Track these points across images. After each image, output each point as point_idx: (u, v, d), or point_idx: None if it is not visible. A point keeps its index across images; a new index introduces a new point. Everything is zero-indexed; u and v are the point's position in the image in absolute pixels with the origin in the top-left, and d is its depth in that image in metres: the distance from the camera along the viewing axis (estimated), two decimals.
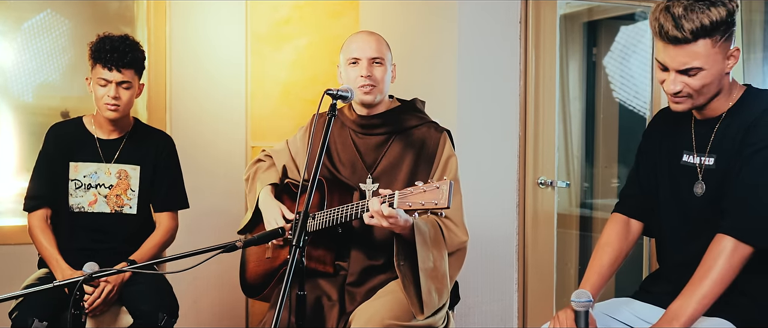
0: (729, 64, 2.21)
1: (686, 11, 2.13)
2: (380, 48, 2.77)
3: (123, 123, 3.17)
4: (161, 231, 3.21)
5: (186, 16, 4.28)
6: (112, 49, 3.00)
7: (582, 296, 2.18)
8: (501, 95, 3.75)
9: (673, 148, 2.38)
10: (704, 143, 2.31)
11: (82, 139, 3.16)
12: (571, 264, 4.51)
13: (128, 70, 3.03)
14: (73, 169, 3.14)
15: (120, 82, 3.02)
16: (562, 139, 4.62)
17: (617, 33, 4.73)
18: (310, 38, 4.54)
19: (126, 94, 3.05)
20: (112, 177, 3.15)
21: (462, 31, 3.66)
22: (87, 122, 3.20)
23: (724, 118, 2.28)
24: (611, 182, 4.72)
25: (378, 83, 2.74)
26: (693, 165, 2.33)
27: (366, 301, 2.67)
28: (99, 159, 3.15)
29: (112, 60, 3.00)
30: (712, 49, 2.15)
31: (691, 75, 2.19)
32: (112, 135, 3.18)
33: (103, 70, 3.01)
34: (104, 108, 3.04)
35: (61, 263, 3.01)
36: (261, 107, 4.46)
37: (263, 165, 3.02)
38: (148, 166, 3.19)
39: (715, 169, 2.27)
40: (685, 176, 2.34)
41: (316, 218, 2.66)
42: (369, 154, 2.81)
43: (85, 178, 3.13)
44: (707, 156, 2.30)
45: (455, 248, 2.73)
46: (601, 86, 4.78)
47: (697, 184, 2.31)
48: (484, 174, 3.71)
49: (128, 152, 3.17)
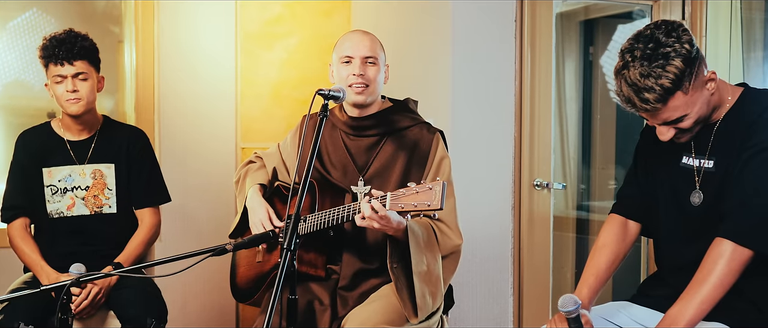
0: (709, 88, 2.20)
1: (644, 78, 2.10)
2: (374, 47, 2.78)
3: (91, 121, 3.18)
4: (144, 229, 3.21)
5: (174, 15, 4.28)
6: (59, 44, 3.03)
7: (568, 305, 2.18)
8: (496, 95, 3.76)
9: (673, 150, 2.38)
10: (704, 146, 2.31)
11: (52, 143, 3.16)
12: (568, 268, 4.53)
13: (80, 61, 3.04)
14: (46, 174, 3.14)
15: (75, 74, 3.03)
16: (558, 140, 4.64)
17: (614, 32, 4.75)
18: (301, 37, 4.55)
19: (84, 86, 3.05)
20: (87, 178, 3.16)
21: (456, 29, 3.67)
22: (55, 126, 3.20)
23: (722, 120, 2.28)
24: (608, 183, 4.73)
25: (371, 83, 2.75)
26: (692, 167, 2.33)
27: (358, 305, 2.68)
28: (71, 161, 3.15)
29: (61, 55, 3.02)
30: (686, 96, 2.14)
31: (679, 123, 2.20)
32: (82, 135, 3.18)
33: (55, 67, 3.03)
34: (67, 105, 3.05)
35: (46, 268, 3.02)
36: (251, 108, 4.47)
37: (253, 166, 3.02)
38: (122, 163, 3.19)
39: (714, 172, 2.28)
40: (684, 179, 2.35)
41: (308, 221, 2.66)
42: (360, 156, 2.82)
43: (60, 182, 3.14)
44: (707, 159, 2.30)
45: (449, 252, 2.74)
46: (598, 86, 4.80)
47: (694, 193, 2.31)
48: (479, 176, 3.72)
49: (100, 151, 3.18)
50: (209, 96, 4.36)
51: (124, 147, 3.21)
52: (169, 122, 4.27)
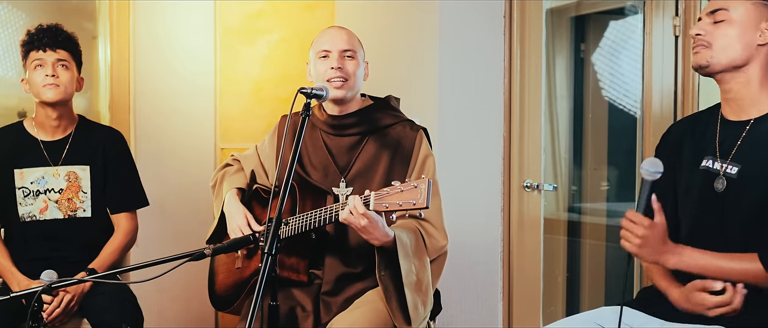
0: (759, 39, 2.23)
1: None
2: (352, 41, 2.79)
3: (67, 119, 3.17)
4: (120, 234, 3.21)
5: (151, 9, 4.28)
6: (45, 32, 3.06)
7: (654, 166, 2.17)
8: (484, 94, 3.78)
9: (696, 151, 2.38)
10: (729, 149, 2.31)
11: (25, 143, 3.14)
12: (559, 271, 4.54)
13: (63, 50, 3.07)
14: (18, 176, 3.12)
15: (56, 60, 3.04)
16: (549, 139, 4.65)
17: (606, 28, 4.76)
18: (283, 33, 4.55)
19: (65, 74, 3.06)
20: (61, 180, 3.14)
21: (443, 26, 3.68)
22: (28, 125, 3.18)
23: (753, 124, 2.28)
24: (600, 184, 4.75)
25: (349, 77, 2.75)
26: (716, 172, 2.32)
27: (343, 311, 2.68)
28: (45, 163, 3.14)
29: (45, 41, 3.04)
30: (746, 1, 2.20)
31: (717, 22, 2.23)
32: (57, 135, 3.16)
33: (37, 53, 3.05)
34: (44, 91, 3.04)
35: (17, 274, 3.01)
36: (231, 106, 4.47)
37: (231, 169, 3.01)
38: (98, 165, 3.18)
39: (736, 179, 2.27)
40: (705, 180, 2.34)
41: (289, 224, 2.67)
42: (342, 157, 2.82)
43: (32, 184, 3.12)
44: (730, 163, 2.29)
45: (436, 254, 2.75)
46: (590, 84, 4.81)
47: (718, 180, 2.30)
48: (467, 177, 3.73)
49: (75, 152, 3.16)
50: (187, 93, 4.36)
51: (101, 148, 3.20)
52: (146, 121, 4.26)
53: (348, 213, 2.44)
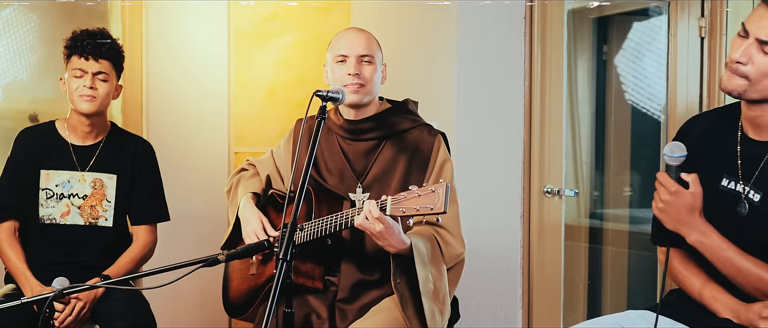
0: None
1: None
2: (370, 45, 2.79)
3: (99, 126, 3.19)
4: (138, 246, 3.23)
5: (164, 12, 4.30)
6: (90, 37, 3.08)
7: (675, 151, 2.17)
8: (504, 97, 3.78)
9: (713, 167, 2.33)
10: (751, 171, 2.26)
11: (55, 145, 3.18)
12: (580, 279, 4.53)
13: (105, 61, 3.09)
14: (44, 177, 3.15)
15: (96, 72, 3.07)
16: (570, 144, 4.64)
17: (630, 30, 4.75)
18: (297, 36, 4.57)
19: (103, 87, 3.09)
20: (86, 186, 3.17)
21: (462, 28, 3.68)
22: (60, 127, 3.21)
23: None
24: (623, 190, 4.73)
25: (367, 83, 2.76)
26: (737, 193, 2.27)
27: (359, 319, 2.68)
28: (73, 167, 3.16)
29: (89, 49, 3.06)
30: None
31: (766, 51, 2.13)
32: (87, 140, 3.19)
33: (79, 60, 3.06)
34: (79, 101, 3.07)
35: (30, 279, 3.03)
36: (245, 110, 4.49)
37: (246, 174, 3.03)
38: (126, 175, 3.21)
39: (759, 207, 2.22)
40: (725, 200, 2.28)
41: (304, 230, 2.68)
42: (358, 161, 2.83)
43: (57, 187, 3.15)
44: (752, 188, 2.24)
45: (453, 262, 2.75)
46: (613, 87, 4.80)
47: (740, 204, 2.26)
48: (486, 182, 3.73)
49: (104, 160, 3.19)
50: (200, 98, 4.38)
51: (130, 158, 3.23)
52: (158, 125, 4.29)
53: (363, 218, 2.44)
